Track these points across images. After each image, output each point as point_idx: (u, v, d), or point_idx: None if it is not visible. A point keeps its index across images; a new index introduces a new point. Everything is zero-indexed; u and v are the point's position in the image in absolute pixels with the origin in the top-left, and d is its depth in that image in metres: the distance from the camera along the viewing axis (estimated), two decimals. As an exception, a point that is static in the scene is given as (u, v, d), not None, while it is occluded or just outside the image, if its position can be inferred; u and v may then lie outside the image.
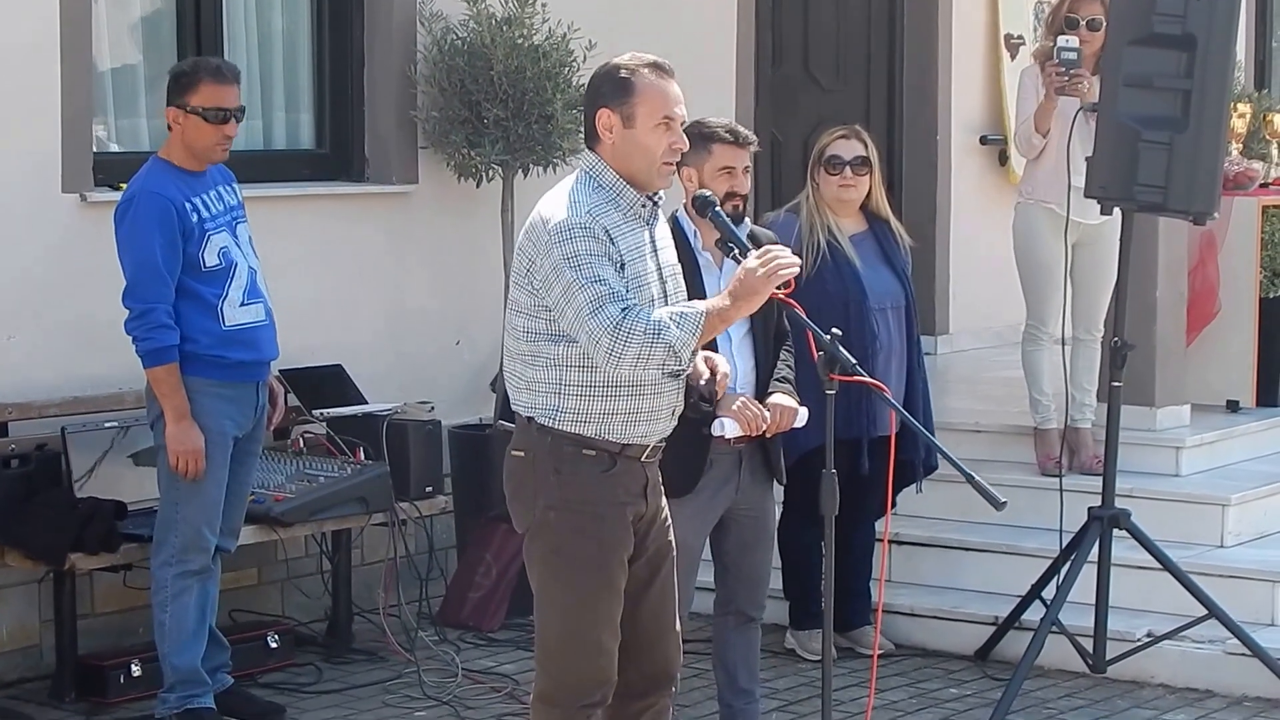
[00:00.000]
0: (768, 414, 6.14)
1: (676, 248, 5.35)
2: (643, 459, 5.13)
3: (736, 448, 6.27)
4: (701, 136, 6.22)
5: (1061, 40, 8.03)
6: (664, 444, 5.22)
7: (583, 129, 8.17)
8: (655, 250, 5.15)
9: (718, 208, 5.22)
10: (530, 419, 5.09)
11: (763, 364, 6.34)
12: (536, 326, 5.05)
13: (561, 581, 5.14)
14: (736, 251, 5.09)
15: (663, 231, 5.23)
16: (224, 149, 6.70)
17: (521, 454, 5.14)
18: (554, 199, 5.10)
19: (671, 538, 5.32)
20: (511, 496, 5.19)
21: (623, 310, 4.89)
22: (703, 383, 5.29)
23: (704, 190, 5.47)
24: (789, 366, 6.33)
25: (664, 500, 5.31)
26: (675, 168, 5.18)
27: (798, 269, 4.98)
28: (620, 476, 5.09)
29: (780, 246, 5.11)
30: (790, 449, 6.67)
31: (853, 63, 11.22)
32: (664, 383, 5.08)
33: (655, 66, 5.10)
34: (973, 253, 11.27)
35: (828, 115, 10.15)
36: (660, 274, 5.13)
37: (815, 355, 5.08)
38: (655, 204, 5.16)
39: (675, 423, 5.21)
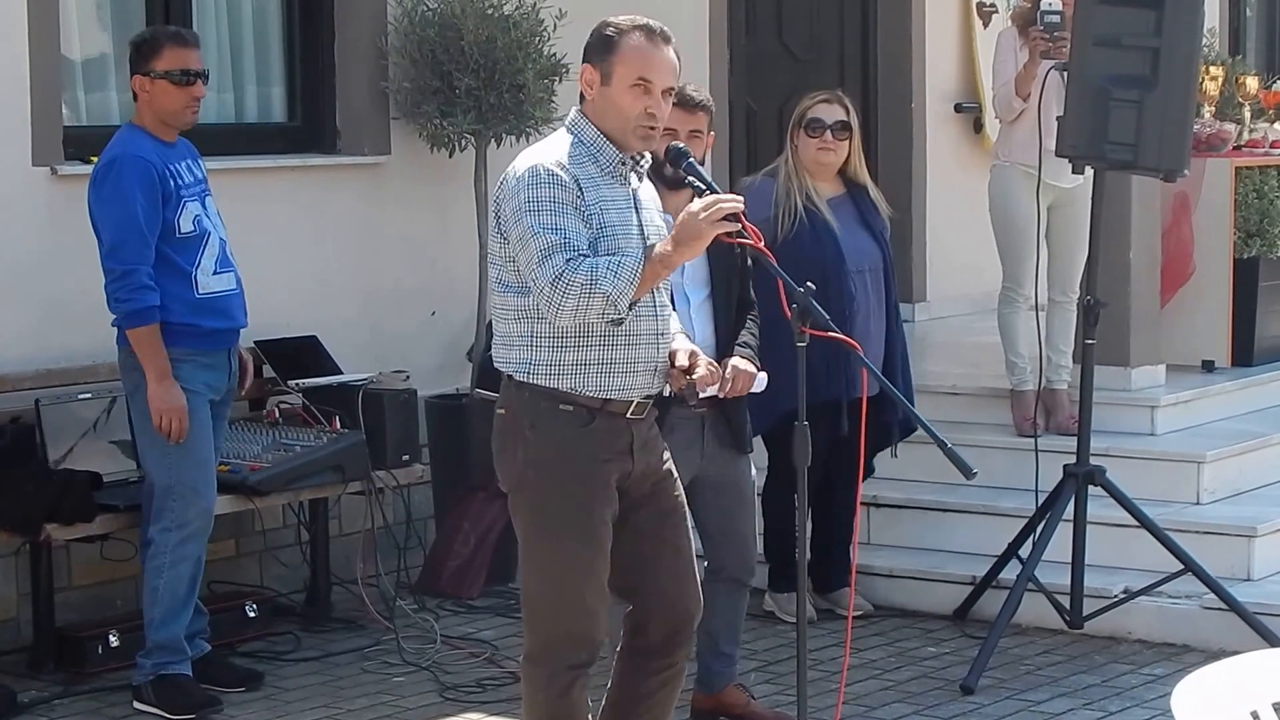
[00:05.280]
0: (719, 369, 6.12)
1: None
2: (628, 415, 5.09)
3: (698, 413, 6.24)
4: None
5: (1045, 3, 8.04)
6: (651, 401, 5.16)
7: (555, 97, 8.34)
8: (638, 207, 5.11)
9: (691, 159, 5.21)
10: (510, 376, 5.09)
11: (722, 330, 6.29)
12: (506, 278, 5.05)
13: (541, 540, 5.12)
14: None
15: (648, 192, 5.18)
16: (193, 111, 6.72)
17: (503, 411, 5.13)
18: (531, 150, 5.12)
19: (673, 492, 5.27)
20: (496, 455, 5.17)
21: (566, 260, 4.87)
22: (684, 385, 5.24)
23: (677, 142, 5.46)
24: (753, 334, 6.29)
25: (664, 458, 5.25)
26: (652, 133, 5.08)
27: (740, 206, 4.92)
28: (599, 433, 5.05)
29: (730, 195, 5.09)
30: (768, 411, 6.69)
31: (826, 32, 11.23)
32: (640, 335, 5.04)
33: (646, 29, 5.05)
34: (949, 220, 11.29)
35: (802, 85, 10.13)
36: (643, 230, 5.08)
37: (787, 308, 5.04)
38: (636, 162, 5.13)
39: (660, 380, 5.15)
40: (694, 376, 5.15)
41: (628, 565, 5.19)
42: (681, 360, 5.14)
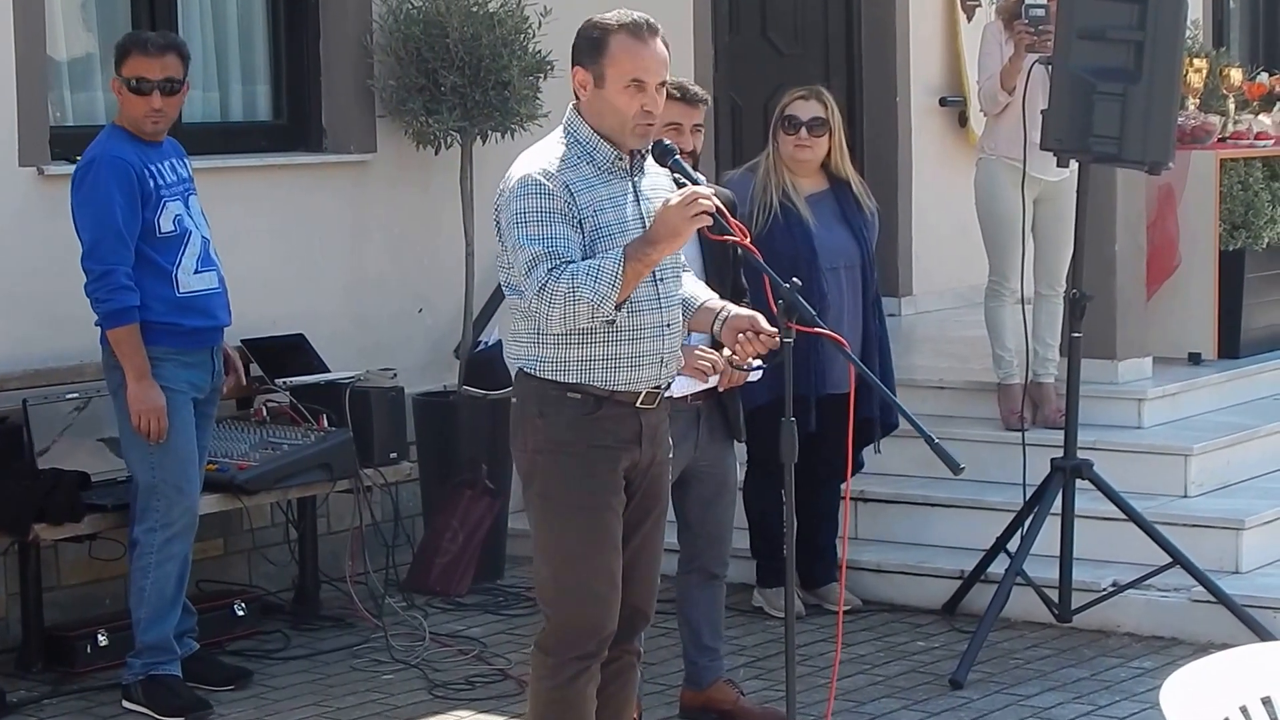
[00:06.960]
0: (720, 360, 6.12)
1: None
2: (637, 405, 5.09)
3: (694, 405, 6.26)
4: None
5: None
6: (661, 391, 5.15)
7: (540, 94, 8.34)
8: (639, 200, 5.09)
9: (677, 155, 5.22)
10: (520, 369, 5.11)
11: None
12: (512, 280, 5.07)
13: (550, 526, 5.12)
14: None
15: (653, 182, 5.15)
16: (154, 121, 6.68)
17: (515, 402, 5.17)
18: (527, 154, 5.12)
19: (663, 488, 5.28)
20: (511, 444, 5.21)
21: (549, 270, 4.89)
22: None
23: (663, 139, 5.47)
24: None
25: (667, 450, 5.26)
26: (650, 129, 5.07)
27: (713, 201, 4.91)
28: (605, 420, 5.05)
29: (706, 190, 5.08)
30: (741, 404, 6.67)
31: (810, 27, 11.23)
32: (643, 329, 5.04)
33: (631, 26, 5.03)
34: (934, 214, 11.29)
35: (786, 80, 10.12)
36: (645, 223, 5.04)
37: (773, 303, 5.05)
38: (640, 156, 5.11)
39: (669, 370, 5.15)
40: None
41: None
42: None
